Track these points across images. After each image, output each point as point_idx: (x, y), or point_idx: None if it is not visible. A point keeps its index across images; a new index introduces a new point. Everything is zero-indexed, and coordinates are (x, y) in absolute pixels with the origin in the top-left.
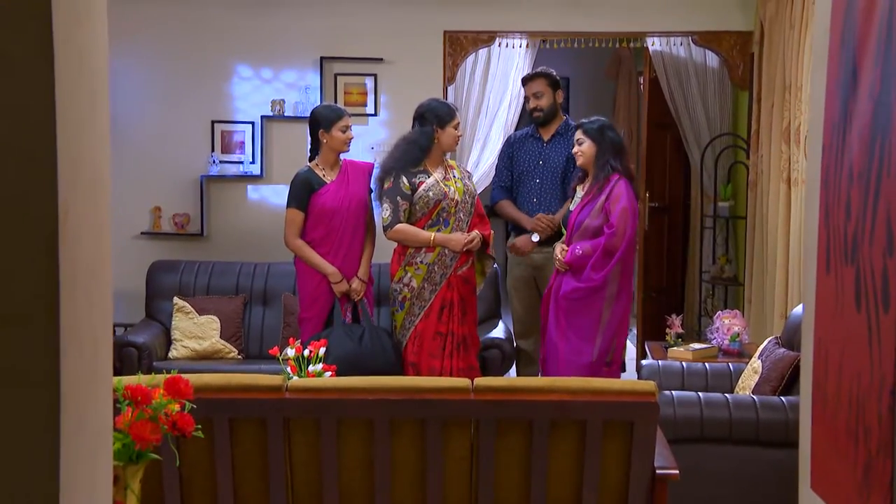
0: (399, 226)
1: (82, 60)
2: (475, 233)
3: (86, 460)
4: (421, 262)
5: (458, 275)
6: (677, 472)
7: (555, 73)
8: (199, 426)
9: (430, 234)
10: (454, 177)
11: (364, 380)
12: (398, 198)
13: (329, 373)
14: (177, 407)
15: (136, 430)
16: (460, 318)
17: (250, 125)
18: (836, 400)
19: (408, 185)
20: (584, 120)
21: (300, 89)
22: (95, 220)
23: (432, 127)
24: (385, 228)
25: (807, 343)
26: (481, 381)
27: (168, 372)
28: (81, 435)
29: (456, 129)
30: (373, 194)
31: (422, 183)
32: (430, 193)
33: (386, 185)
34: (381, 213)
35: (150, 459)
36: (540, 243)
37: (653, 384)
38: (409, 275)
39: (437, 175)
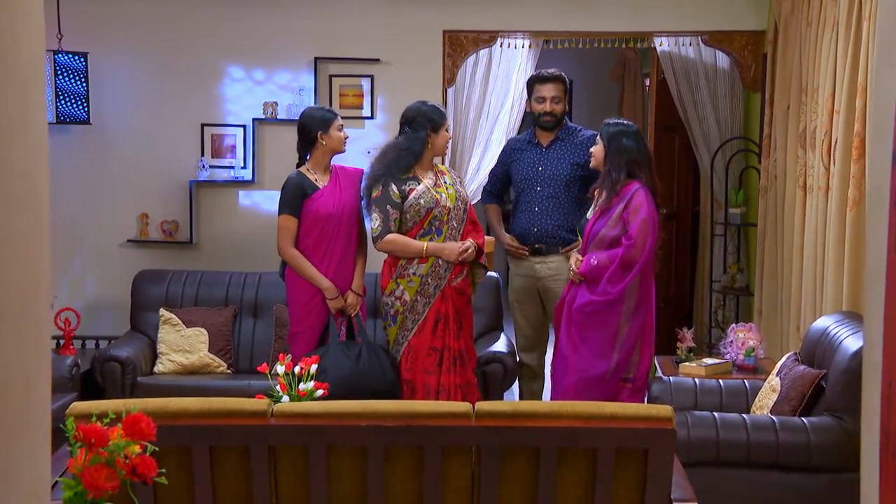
0: (390, 236)
1: (8, 47)
2: (469, 241)
3: None
4: (413, 273)
5: (452, 286)
6: (696, 503)
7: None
8: (164, 471)
9: (423, 244)
10: (445, 182)
11: (356, 404)
12: (388, 206)
13: (321, 391)
14: (137, 449)
15: (88, 476)
16: (456, 332)
17: (241, 128)
18: None
19: (398, 192)
20: (607, 120)
21: (294, 91)
22: (28, 242)
23: (426, 132)
24: (375, 239)
25: (871, 388)
26: (483, 405)
27: (149, 387)
28: (8, 496)
29: (447, 132)
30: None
31: (412, 190)
32: (422, 201)
33: (374, 194)
34: (371, 223)
35: None
36: (542, 254)
37: (669, 409)
38: (401, 287)
39: (427, 181)
